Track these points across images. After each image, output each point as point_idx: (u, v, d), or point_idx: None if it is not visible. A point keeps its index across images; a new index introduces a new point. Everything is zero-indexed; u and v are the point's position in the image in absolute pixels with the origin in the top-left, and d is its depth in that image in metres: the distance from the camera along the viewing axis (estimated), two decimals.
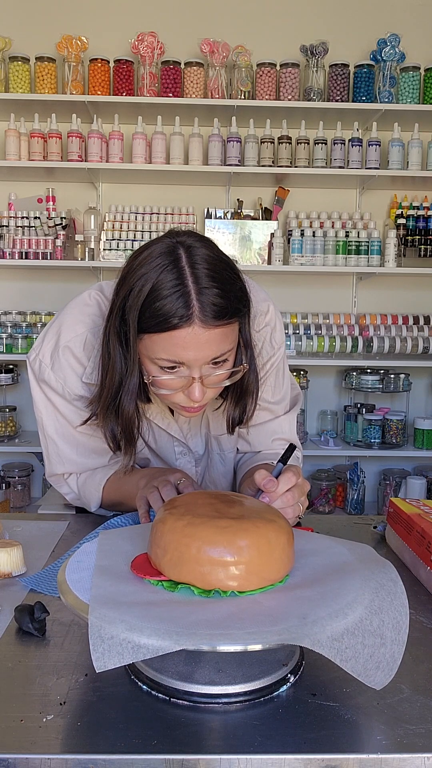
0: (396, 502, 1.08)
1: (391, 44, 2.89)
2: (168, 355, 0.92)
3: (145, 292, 0.90)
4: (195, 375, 0.94)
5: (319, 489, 3.13)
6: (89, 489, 1.18)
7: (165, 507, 0.74)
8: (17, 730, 0.61)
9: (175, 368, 0.94)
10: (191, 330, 0.89)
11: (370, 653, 0.61)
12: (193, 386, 0.94)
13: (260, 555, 0.67)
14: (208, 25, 3.06)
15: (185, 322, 0.89)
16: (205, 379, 0.95)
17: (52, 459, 1.18)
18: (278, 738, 0.60)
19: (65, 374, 1.09)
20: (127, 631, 0.58)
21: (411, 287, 3.27)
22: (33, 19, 3.07)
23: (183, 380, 0.95)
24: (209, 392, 0.98)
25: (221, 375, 0.97)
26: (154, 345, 0.93)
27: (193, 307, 0.89)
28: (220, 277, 0.91)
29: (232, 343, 0.96)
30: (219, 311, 0.90)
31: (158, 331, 0.91)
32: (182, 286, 0.89)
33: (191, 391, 0.95)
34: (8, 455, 3.18)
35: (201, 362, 0.93)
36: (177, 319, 0.89)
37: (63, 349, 1.09)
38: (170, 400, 1.00)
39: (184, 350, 0.91)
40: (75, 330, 1.09)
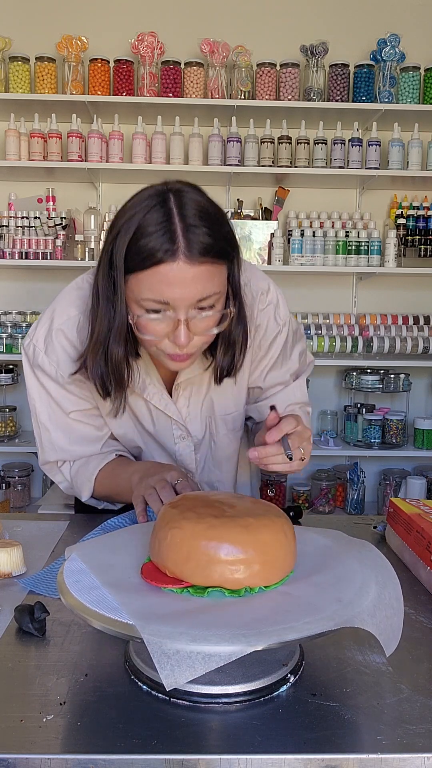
0: (396, 502, 1.08)
1: (391, 44, 2.89)
2: (153, 294, 0.91)
3: (131, 230, 0.90)
4: (181, 317, 0.92)
5: (319, 489, 3.13)
6: (81, 478, 1.17)
7: (174, 511, 0.73)
8: (17, 730, 0.61)
9: (160, 311, 0.93)
10: (176, 266, 0.89)
11: (389, 623, 0.65)
12: (179, 329, 0.93)
13: (281, 548, 0.69)
14: (208, 25, 3.06)
15: (170, 257, 0.88)
16: (192, 324, 0.94)
17: (45, 447, 1.18)
18: (278, 738, 0.60)
19: (58, 357, 1.09)
20: (192, 642, 0.57)
21: (411, 287, 3.27)
22: (33, 19, 3.07)
23: (169, 323, 0.94)
24: (196, 340, 0.97)
25: (208, 321, 0.96)
26: (140, 284, 0.92)
27: (179, 242, 0.88)
28: (207, 218, 0.91)
29: (219, 287, 0.94)
30: (205, 248, 0.89)
31: (144, 269, 0.90)
32: (168, 223, 0.89)
33: (177, 336, 0.93)
34: (8, 455, 3.18)
35: (186, 302, 0.91)
36: (161, 253, 0.88)
37: (56, 332, 1.09)
38: (157, 348, 0.98)
39: (169, 288, 0.90)
40: (68, 313, 1.09)
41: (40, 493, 3.17)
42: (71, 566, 0.74)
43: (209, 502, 0.74)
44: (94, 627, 0.63)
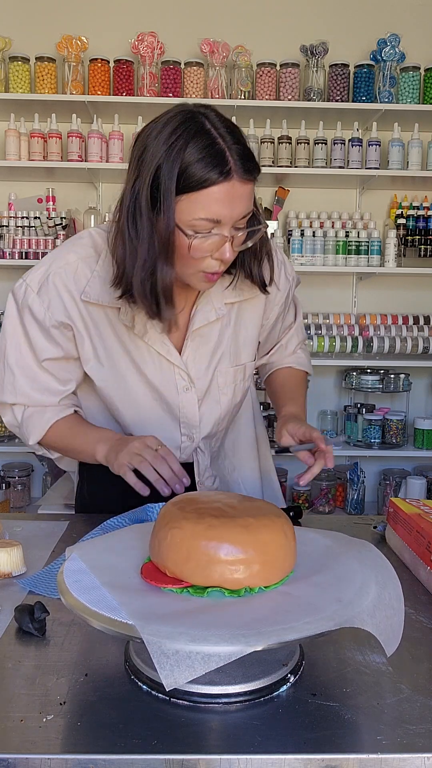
0: (396, 502, 1.08)
1: (391, 44, 2.89)
2: (206, 213, 0.95)
3: (179, 154, 0.93)
4: (226, 233, 0.98)
5: (319, 489, 3.13)
6: (34, 423, 1.18)
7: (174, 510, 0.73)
8: (17, 730, 0.61)
9: (208, 231, 0.97)
10: (230, 184, 0.94)
11: (390, 623, 0.65)
12: (225, 246, 0.99)
13: (280, 548, 0.70)
14: (208, 25, 3.06)
15: (225, 177, 0.94)
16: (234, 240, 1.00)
17: (6, 387, 1.18)
18: (278, 738, 0.60)
19: (51, 299, 1.11)
20: (192, 642, 0.57)
21: (411, 287, 3.27)
22: (33, 19, 3.07)
23: (216, 241, 0.99)
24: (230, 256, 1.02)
25: (242, 237, 1.02)
26: (192, 205, 0.95)
27: (230, 162, 0.94)
28: (240, 136, 0.98)
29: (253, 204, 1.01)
30: (250, 164, 0.96)
31: (199, 189, 0.94)
32: (215, 145, 0.94)
33: (223, 252, 0.99)
34: (8, 455, 3.18)
35: (235, 219, 0.97)
36: (217, 174, 0.93)
37: (53, 275, 1.11)
38: (196, 269, 1.02)
39: (222, 206, 0.95)
40: (66, 259, 1.12)
41: (40, 493, 3.17)
42: (71, 566, 0.74)
43: (209, 502, 0.74)
44: (94, 627, 0.63)
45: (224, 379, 1.21)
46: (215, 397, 1.22)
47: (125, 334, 1.14)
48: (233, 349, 1.21)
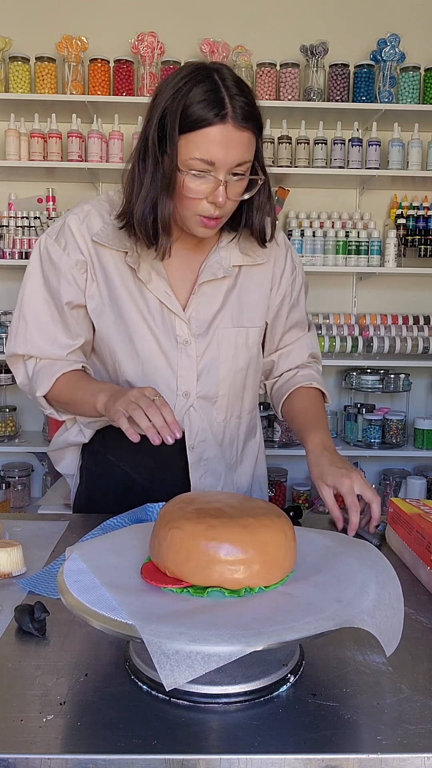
0: (396, 502, 1.09)
1: (391, 44, 2.89)
2: (201, 153, 1.02)
3: (184, 97, 1.02)
4: (221, 177, 1.04)
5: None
6: (43, 375, 1.21)
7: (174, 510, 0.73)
8: (17, 730, 0.61)
9: (203, 174, 1.04)
10: (225, 128, 1.01)
11: (390, 623, 0.65)
12: (218, 190, 1.05)
13: (280, 549, 0.70)
14: (208, 25, 3.05)
15: (220, 120, 1.01)
16: (228, 187, 1.06)
17: (18, 338, 1.23)
18: (278, 738, 0.60)
19: (66, 240, 1.19)
20: (192, 642, 0.58)
21: (411, 287, 3.27)
22: (33, 19, 3.07)
23: (209, 184, 1.05)
24: (228, 204, 1.08)
25: (239, 186, 1.08)
26: (189, 145, 1.03)
27: (227, 107, 1.01)
28: (245, 90, 1.05)
29: (251, 155, 1.07)
30: (247, 115, 1.03)
31: (195, 129, 1.02)
32: (217, 91, 1.02)
33: (216, 195, 1.05)
34: (8, 455, 3.18)
35: (228, 164, 1.04)
36: (213, 115, 1.01)
37: (69, 221, 1.20)
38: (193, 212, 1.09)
39: (216, 148, 1.02)
40: (82, 208, 1.22)
41: (40, 493, 3.17)
42: (71, 566, 0.74)
43: (209, 502, 0.74)
44: (94, 627, 0.63)
45: (225, 339, 1.23)
46: (214, 355, 1.22)
47: (131, 281, 1.19)
48: (236, 311, 1.24)
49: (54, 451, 1.37)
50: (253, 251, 1.24)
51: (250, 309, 1.26)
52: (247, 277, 1.26)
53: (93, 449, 1.31)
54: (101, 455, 1.30)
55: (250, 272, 1.25)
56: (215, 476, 1.27)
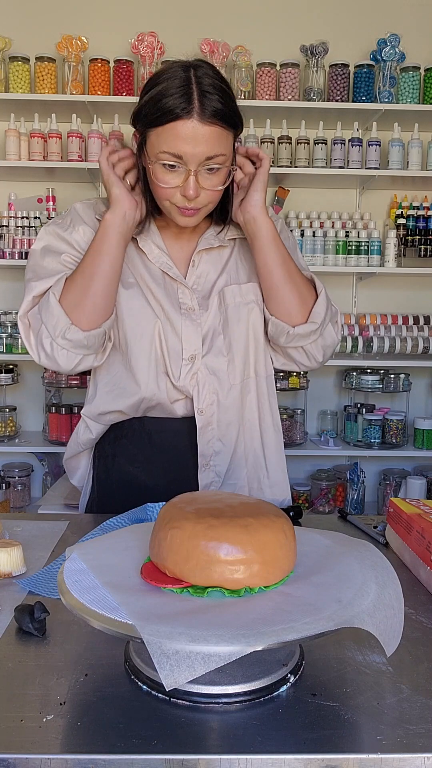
0: (396, 502, 1.09)
1: (391, 44, 2.89)
2: (169, 147, 1.07)
3: (156, 92, 1.07)
4: (191, 168, 1.08)
5: (319, 489, 3.13)
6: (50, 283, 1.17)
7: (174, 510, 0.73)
8: (17, 730, 0.61)
9: (174, 166, 1.08)
10: (190, 122, 1.05)
11: (390, 623, 0.65)
12: (188, 181, 1.08)
13: (280, 548, 0.69)
14: (208, 25, 3.05)
15: (186, 115, 1.05)
16: (200, 179, 1.09)
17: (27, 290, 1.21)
18: (278, 738, 0.60)
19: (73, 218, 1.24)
20: (192, 642, 0.57)
21: (411, 287, 3.27)
22: (33, 19, 3.07)
23: (180, 176, 1.09)
24: (203, 196, 1.12)
25: (214, 179, 1.11)
26: (158, 139, 1.08)
27: (194, 103, 1.05)
28: (220, 90, 1.08)
29: (225, 150, 1.10)
30: (215, 112, 1.06)
31: (163, 124, 1.06)
32: (187, 87, 1.05)
33: (186, 188, 1.09)
34: (8, 455, 3.18)
35: (197, 158, 1.07)
36: (179, 110, 1.04)
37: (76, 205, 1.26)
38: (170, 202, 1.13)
39: (183, 142, 1.06)
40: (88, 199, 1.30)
41: (40, 493, 3.17)
42: (71, 566, 0.74)
43: (209, 502, 0.74)
44: (94, 627, 0.63)
45: (226, 299, 1.25)
46: (217, 318, 1.24)
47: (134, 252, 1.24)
48: (234, 275, 1.27)
49: (69, 460, 1.38)
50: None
51: (247, 270, 1.29)
52: (243, 247, 1.30)
53: (104, 452, 1.32)
54: (111, 458, 1.30)
55: (245, 243, 1.28)
56: (223, 442, 1.26)
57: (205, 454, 1.24)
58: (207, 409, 1.23)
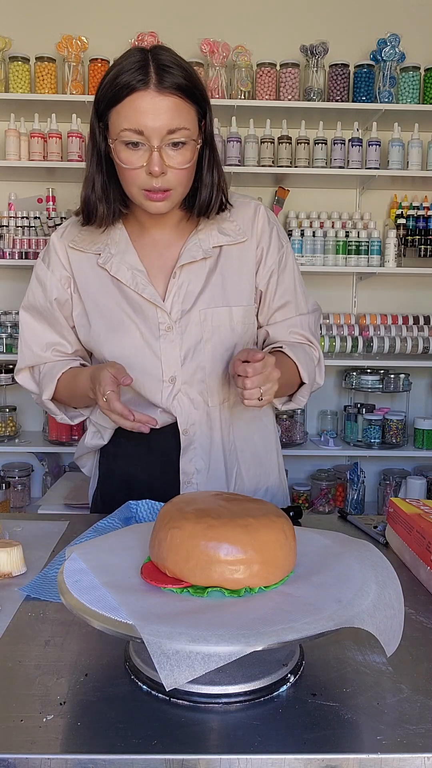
0: (396, 502, 1.09)
1: (391, 44, 2.89)
2: (129, 123, 1.05)
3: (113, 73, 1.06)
4: (154, 144, 1.05)
5: (319, 489, 3.13)
6: (46, 379, 1.27)
7: (174, 510, 0.73)
8: (17, 730, 0.61)
9: (137, 144, 1.06)
10: (147, 94, 1.04)
11: (390, 623, 0.65)
12: (152, 158, 1.06)
13: (280, 548, 0.69)
14: (208, 25, 3.05)
15: (142, 86, 1.03)
16: (165, 156, 1.06)
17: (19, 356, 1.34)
18: (278, 738, 0.60)
19: (50, 258, 1.26)
20: (192, 642, 0.57)
21: (411, 287, 3.27)
22: (33, 19, 3.07)
23: (144, 155, 1.07)
24: (170, 175, 1.09)
25: (179, 157, 1.08)
26: (119, 116, 1.06)
27: (150, 75, 1.04)
28: (179, 65, 1.07)
29: (188, 124, 1.07)
30: (173, 83, 1.05)
31: (120, 99, 1.05)
32: (144, 62, 1.05)
33: (151, 164, 1.06)
34: (8, 455, 3.18)
35: (158, 132, 1.05)
36: (135, 82, 1.03)
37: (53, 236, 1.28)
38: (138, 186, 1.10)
39: (142, 115, 1.04)
40: (63, 224, 1.29)
41: (40, 493, 3.17)
42: (71, 566, 0.74)
43: (209, 502, 0.74)
44: (94, 627, 0.63)
45: (207, 319, 1.21)
46: (197, 337, 1.21)
47: (109, 281, 1.23)
48: (219, 291, 1.22)
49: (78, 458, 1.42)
50: (232, 230, 1.24)
51: (234, 288, 1.24)
52: (228, 257, 1.24)
53: (107, 451, 1.33)
54: (112, 455, 1.31)
55: (231, 251, 1.24)
56: (206, 461, 1.25)
57: (186, 472, 1.24)
58: (190, 429, 1.23)
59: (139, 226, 1.23)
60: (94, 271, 1.23)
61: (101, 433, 1.30)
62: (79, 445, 1.39)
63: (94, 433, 1.31)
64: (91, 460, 1.39)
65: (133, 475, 1.28)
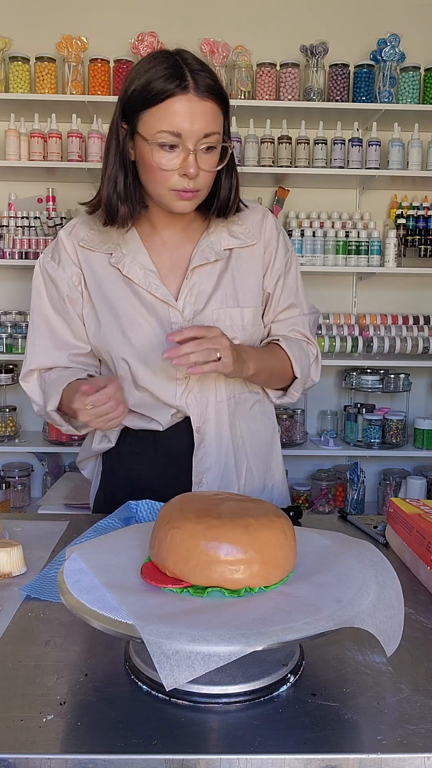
0: (396, 502, 1.09)
1: (391, 44, 2.89)
2: (167, 126, 1.06)
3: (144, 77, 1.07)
4: (191, 147, 1.07)
5: (319, 489, 3.13)
6: (52, 388, 1.23)
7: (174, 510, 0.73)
8: (17, 730, 0.61)
9: (173, 146, 1.08)
10: (187, 98, 1.06)
11: (390, 623, 0.65)
12: (188, 160, 1.08)
13: (280, 548, 0.69)
14: (208, 25, 3.05)
15: (182, 90, 1.06)
16: (199, 159, 1.09)
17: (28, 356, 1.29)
18: (278, 738, 0.60)
19: (60, 255, 1.26)
20: (192, 642, 0.58)
21: (411, 287, 3.27)
22: (33, 19, 3.07)
23: (179, 157, 1.09)
24: (201, 177, 1.11)
25: (211, 159, 1.11)
26: (154, 119, 1.07)
27: (188, 79, 1.06)
28: (207, 69, 1.11)
29: (219, 128, 1.11)
30: (209, 87, 1.08)
31: (160, 102, 1.06)
32: (177, 67, 1.07)
33: (186, 166, 1.08)
34: (8, 455, 3.18)
35: (195, 135, 1.07)
36: (175, 86, 1.05)
37: (60, 233, 1.27)
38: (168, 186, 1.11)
39: (181, 119, 1.06)
40: (70, 223, 1.29)
41: (40, 493, 3.17)
42: (71, 566, 0.74)
43: (209, 502, 0.74)
44: (94, 627, 0.63)
45: (219, 320, 1.23)
46: None
47: (120, 280, 1.23)
48: (230, 292, 1.25)
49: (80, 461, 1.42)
50: (242, 233, 1.26)
51: (244, 289, 1.26)
52: (238, 259, 1.27)
53: (111, 451, 1.33)
54: (117, 455, 1.31)
55: (241, 254, 1.27)
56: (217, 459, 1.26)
57: (198, 470, 1.25)
58: (203, 427, 1.25)
59: (150, 227, 1.24)
60: (106, 270, 1.23)
61: (108, 437, 1.30)
62: (83, 450, 1.39)
63: (102, 438, 1.31)
64: (93, 462, 1.39)
65: (139, 475, 1.28)
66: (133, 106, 1.09)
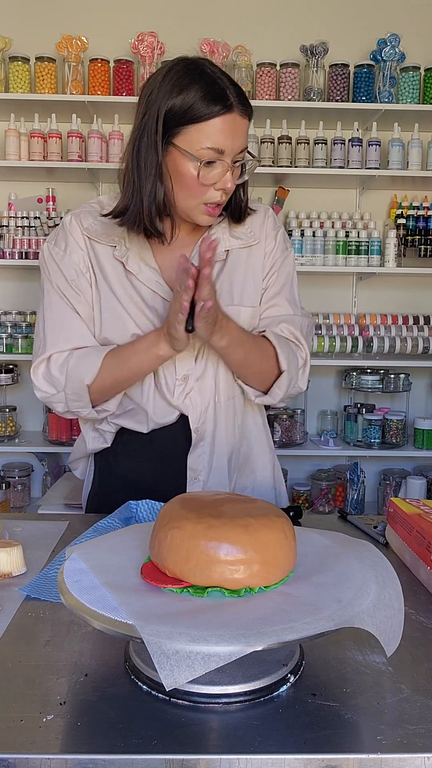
0: (396, 502, 1.09)
1: (391, 44, 2.89)
2: (211, 143, 1.08)
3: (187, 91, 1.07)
4: (229, 162, 1.10)
5: (319, 489, 3.13)
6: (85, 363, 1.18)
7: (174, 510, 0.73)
8: (17, 730, 0.61)
9: (212, 162, 1.09)
10: (232, 117, 1.08)
11: (390, 623, 0.65)
12: (227, 176, 1.11)
13: (281, 549, 0.69)
14: (208, 25, 3.05)
15: (228, 110, 1.07)
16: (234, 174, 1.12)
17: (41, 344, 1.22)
18: (278, 738, 0.60)
19: (67, 240, 1.23)
20: (192, 642, 0.58)
21: (411, 287, 3.27)
22: (33, 19, 3.07)
23: (219, 171, 1.10)
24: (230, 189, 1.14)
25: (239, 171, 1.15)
26: (199, 135, 1.08)
27: (231, 98, 1.08)
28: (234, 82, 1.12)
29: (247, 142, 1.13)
30: (246, 103, 1.11)
31: (205, 120, 1.07)
32: (217, 83, 1.08)
33: (226, 181, 1.11)
34: (8, 455, 3.18)
35: (235, 150, 1.10)
36: (220, 106, 1.07)
37: (65, 219, 1.26)
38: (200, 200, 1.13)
39: (224, 137, 1.08)
40: (74, 212, 1.27)
41: (40, 493, 3.17)
42: (71, 566, 0.74)
43: (209, 502, 0.74)
44: (94, 627, 0.63)
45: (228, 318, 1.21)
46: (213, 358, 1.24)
47: (123, 274, 1.22)
48: (227, 291, 1.25)
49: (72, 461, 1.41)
50: (245, 234, 1.27)
51: (241, 288, 1.26)
52: (235, 259, 1.27)
53: (104, 451, 1.32)
54: (113, 454, 1.31)
55: (239, 254, 1.27)
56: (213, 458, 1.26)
57: (194, 469, 1.26)
58: (201, 427, 1.25)
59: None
60: (110, 262, 1.23)
61: (104, 437, 1.30)
62: (75, 450, 1.38)
63: (95, 438, 1.31)
64: (85, 462, 1.39)
65: (134, 474, 1.28)
66: (172, 121, 1.09)
